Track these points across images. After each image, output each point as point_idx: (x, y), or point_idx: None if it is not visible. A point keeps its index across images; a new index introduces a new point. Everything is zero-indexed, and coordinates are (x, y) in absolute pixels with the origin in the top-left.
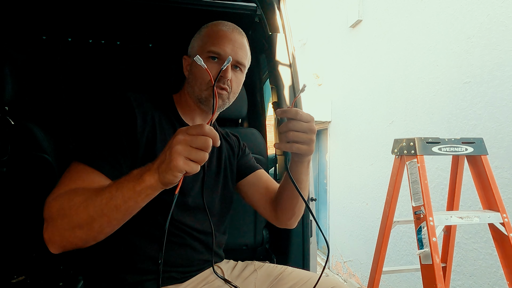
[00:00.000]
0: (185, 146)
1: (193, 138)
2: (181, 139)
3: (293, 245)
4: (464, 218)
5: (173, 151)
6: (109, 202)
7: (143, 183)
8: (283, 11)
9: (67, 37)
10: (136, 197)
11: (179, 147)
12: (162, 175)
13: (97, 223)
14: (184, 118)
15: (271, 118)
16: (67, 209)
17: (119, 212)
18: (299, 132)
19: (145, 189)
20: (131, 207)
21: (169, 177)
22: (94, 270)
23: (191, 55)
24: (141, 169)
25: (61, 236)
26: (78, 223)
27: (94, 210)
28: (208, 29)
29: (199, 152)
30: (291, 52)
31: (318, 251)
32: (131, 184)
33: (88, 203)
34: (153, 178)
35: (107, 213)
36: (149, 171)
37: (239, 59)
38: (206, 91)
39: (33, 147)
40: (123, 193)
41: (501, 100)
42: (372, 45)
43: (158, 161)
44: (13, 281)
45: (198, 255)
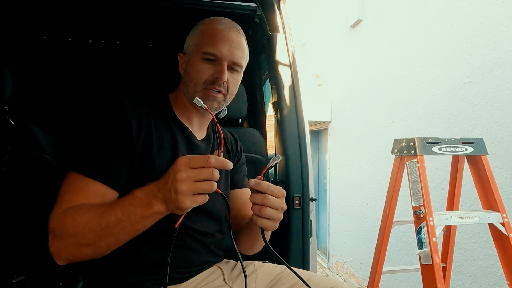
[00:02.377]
0: (190, 184)
1: (198, 172)
2: (184, 177)
3: (293, 245)
4: (464, 218)
5: (178, 191)
6: (116, 225)
7: (151, 210)
8: (283, 11)
9: (67, 37)
10: (145, 221)
11: (184, 188)
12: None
13: (104, 242)
14: (181, 118)
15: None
16: (71, 227)
17: (127, 234)
18: (270, 208)
19: (153, 214)
20: (139, 229)
21: (178, 212)
22: (94, 271)
23: (187, 52)
24: (145, 192)
25: (68, 252)
26: (85, 242)
27: (101, 232)
28: (204, 27)
29: (204, 184)
30: (291, 52)
31: (318, 251)
32: (138, 210)
33: (93, 224)
34: (161, 208)
35: (114, 234)
36: (155, 199)
37: (235, 59)
38: (200, 93)
39: (33, 147)
40: (130, 218)
41: (501, 100)
42: (372, 45)
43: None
44: (13, 281)
45: (198, 256)
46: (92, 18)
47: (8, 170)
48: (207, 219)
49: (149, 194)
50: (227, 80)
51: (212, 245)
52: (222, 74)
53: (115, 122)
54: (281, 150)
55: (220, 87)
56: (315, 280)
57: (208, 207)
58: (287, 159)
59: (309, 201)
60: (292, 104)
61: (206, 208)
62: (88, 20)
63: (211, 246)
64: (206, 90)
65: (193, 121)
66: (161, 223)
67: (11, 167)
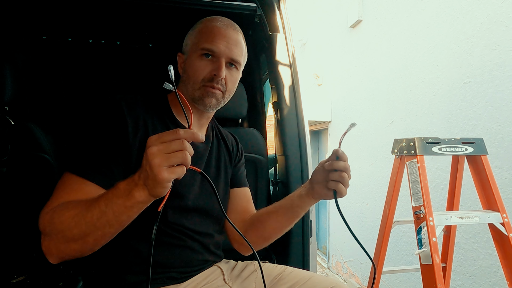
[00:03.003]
0: (162, 156)
1: (167, 145)
2: (155, 151)
3: (293, 245)
4: (464, 218)
5: (152, 165)
6: (100, 218)
7: (133, 199)
8: (283, 11)
9: (67, 37)
10: (128, 211)
11: (157, 160)
12: (152, 190)
13: (91, 237)
14: (179, 118)
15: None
16: (58, 223)
17: (112, 226)
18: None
19: (136, 204)
20: (124, 221)
21: (159, 190)
22: (93, 271)
23: (185, 52)
24: (127, 182)
25: (57, 249)
26: (71, 237)
27: (86, 226)
28: (202, 25)
29: (177, 155)
30: (291, 52)
31: (318, 251)
32: (120, 200)
33: (79, 218)
34: (143, 194)
35: (100, 228)
36: (136, 187)
37: (233, 56)
38: (199, 90)
39: (33, 147)
40: (113, 209)
41: (501, 100)
42: (372, 45)
43: (142, 176)
44: (13, 281)
45: (197, 255)
46: (92, 18)
47: (8, 170)
48: (206, 219)
49: (131, 183)
50: (225, 77)
51: (211, 245)
52: (219, 71)
53: (111, 123)
54: (281, 150)
55: (218, 84)
56: (315, 280)
57: (207, 208)
58: (287, 159)
59: None
60: (292, 104)
61: (205, 209)
62: (88, 20)
63: (210, 246)
64: (204, 88)
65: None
66: (160, 224)
67: (11, 167)
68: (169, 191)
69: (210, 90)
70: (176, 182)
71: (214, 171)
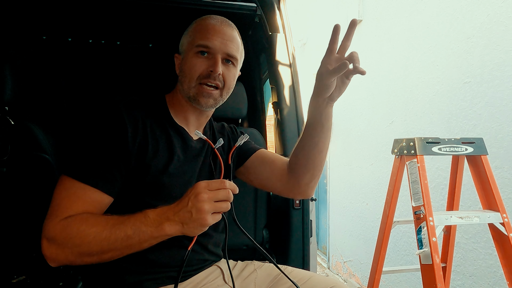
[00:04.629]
0: (211, 204)
1: (216, 193)
2: (205, 198)
3: (293, 245)
4: (464, 218)
5: (201, 210)
6: (124, 242)
7: (162, 232)
8: (283, 11)
9: (67, 37)
10: (153, 241)
11: (206, 206)
12: (189, 230)
13: (108, 255)
14: (177, 119)
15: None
16: (76, 238)
17: (133, 249)
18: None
19: (163, 236)
20: (144, 247)
21: (197, 232)
22: (93, 271)
23: (181, 52)
24: (158, 214)
25: (67, 259)
26: (89, 253)
27: (107, 246)
28: (196, 24)
29: (223, 205)
30: (291, 52)
31: (318, 251)
32: (149, 230)
33: (101, 238)
34: (174, 229)
35: (120, 249)
36: (169, 222)
37: (229, 51)
38: (194, 88)
39: (33, 147)
40: (139, 236)
41: (501, 100)
42: (372, 45)
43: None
44: (13, 281)
45: (196, 255)
46: (92, 18)
47: (8, 170)
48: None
49: (162, 216)
50: (222, 73)
51: (210, 245)
52: (216, 66)
53: (111, 127)
54: (281, 150)
55: (216, 80)
56: (315, 280)
57: None
58: None
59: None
60: (292, 104)
61: None
62: (88, 20)
63: (208, 245)
64: (201, 86)
65: (190, 120)
66: None
67: (11, 167)
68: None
69: (206, 90)
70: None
71: (209, 170)
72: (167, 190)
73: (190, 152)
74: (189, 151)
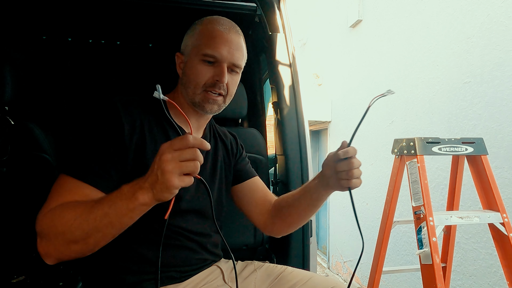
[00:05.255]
0: (175, 163)
1: (180, 153)
2: (169, 158)
3: (293, 245)
4: (464, 218)
5: (165, 171)
6: (103, 219)
7: (136, 201)
8: (283, 11)
9: (67, 37)
10: (130, 213)
11: (170, 166)
12: (158, 194)
13: (92, 238)
14: (177, 120)
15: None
16: (59, 225)
17: (114, 228)
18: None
19: (138, 206)
20: (125, 222)
21: (166, 196)
22: (93, 271)
23: (185, 53)
24: (132, 185)
25: (57, 250)
26: (73, 239)
27: (88, 227)
28: (203, 28)
29: (189, 164)
30: (291, 52)
31: (318, 251)
32: (124, 202)
33: (81, 220)
34: (147, 197)
35: (101, 229)
36: (141, 190)
37: (235, 61)
38: (200, 95)
39: (33, 147)
40: (116, 211)
41: (501, 100)
42: (372, 45)
43: (149, 180)
44: (13, 281)
45: (195, 255)
46: (92, 18)
47: (8, 170)
48: (203, 220)
49: (135, 186)
50: (227, 82)
51: (209, 245)
52: (222, 77)
53: (107, 126)
54: (281, 150)
55: (221, 89)
56: (315, 280)
57: (203, 208)
58: (287, 159)
59: None
60: (292, 104)
61: (201, 210)
62: (88, 20)
63: (207, 245)
64: (206, 93)
65: (190, 122)
66: (157, 229)
67: (11, 167)
68: (173, 198)
69: (212, 97)
70: None
71: (210, 171)
72: None
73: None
74: None
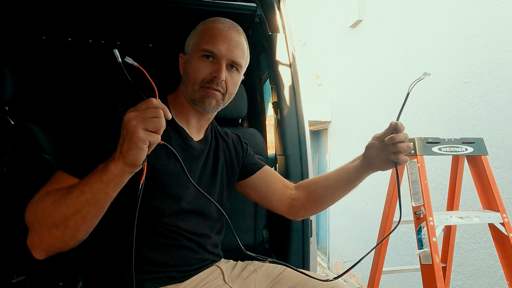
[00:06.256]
0: (139, 119)
1: (143, 111)
2: (133, 116)
3: (293, 245)
4: (464, 218)
5: (129, 127)
6: (79, 197)
7: (109, 172)
8: (283, 11)
9: (67, 37)
10: (105, 187)
11: (134, 122)
12: (127, 154)
13: (72, 220)
14: (178, 120)
15: (271, 118)
16: (40, 210)
17: (91, 206)
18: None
19: (112, 178)
20: (102, 199)
21: (134, 153)
22: (93, 270)
23: (187, 52)
24: (105, 161)
25: (40, 238)
26: (52, 222)
27: (66, 208)
28: (204, 26)
29: (153, 121)
30: (291, 52)
31: (318, 251)
32: (97, 176)
33: (59, 202)
34: (118, 165)
35: (79, 209)
36: (112, 160)
37: (234, 58)
38: (198, 92)
39: (33, 147)
40: (91, 186)
41: (501, 100)
42: (372, 45)
43: (119, 147)
44: (13, 281)
45: (196, 254)
46: (92, 18)
47: (8, 170)
48: (203, 220)
49: (108, 160)
50: (225, 79)
51: (208, 245)
52: (219, 73)
53: (105, 124)
54: (281, 150)
55: (218, 86)
56: (315, 281)
57: (203, 209)
58: (287, 159)
59: None
60: (292, 104)
61: (202, 211)
62: (88, 20)
63: (206, 245)
64: (204, 89)
65: (191, 122)
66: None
67: (11, 167)
68: (145, 169)
69: (210, 91)
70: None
71: (211, 172)
72: (164, 190)
73: (190, 153)
74: (189, 151)
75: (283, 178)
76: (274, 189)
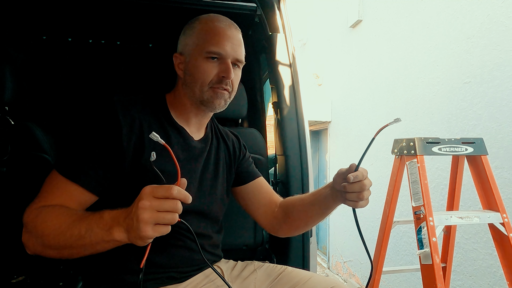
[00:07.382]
0: (152, 213)
1: (161, 202)
2: (147, 206)
3: (293, 245)
4: (464, 218)
5: (140, 219)
6: (78, 240)
7: (111, 236)
8: (283, 11)
9: (67, 37)
10: (104, 244)
11: (146, 216)
12: (132, 240)
13: (67, 251)
14: (178, 119)
15: (271, 118)
16: (39, 229)
17: (87, 250)
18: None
19: (113, 241)
20: (98, 250)
21: (139, 243)
22: (93, 270)
23: (185, 53)
24: (112, 216)
25: (34, 248)
26: (49, 245)
27: (64, 242)
28: (203, 26)
29: (167, 216)
30: (291, 52)
31: (318, 251)
32: (100, 232)
33: (59, 232)
34: (122, 236)
35: (75, 248)
36: (118, 227)
37: (238, 56)
38: (207, 92)
39: (33, 147)
40: (91, 237)
41: (501, 100)
42: (372, 45)
43: (127, 221)
44: (13, 281)
45: (196, 254)
46: (92, 18)
47: (8, 170)
48: (203, 221)
49: (115, 219)
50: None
51: (207, 245)
52: (229, 73)
53: (104, 125)
54: (281, 150)
55: (227, 85)
56: (315, 280)
57: (204, 209)
58: (287, 159)
59: None
60: (292, 104)
61: (202, 211)
62: (88, 20)
63: (206, 246)
64: (213, 89)
65: (191, 121)
66: None
67: (11, 167)
68: (149, 245)
69: (219, 91)
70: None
71: (212, 171)
72: None
73: (191, 152)
74: (189, 151)
75: (272, 193)
76: (260, 203)
